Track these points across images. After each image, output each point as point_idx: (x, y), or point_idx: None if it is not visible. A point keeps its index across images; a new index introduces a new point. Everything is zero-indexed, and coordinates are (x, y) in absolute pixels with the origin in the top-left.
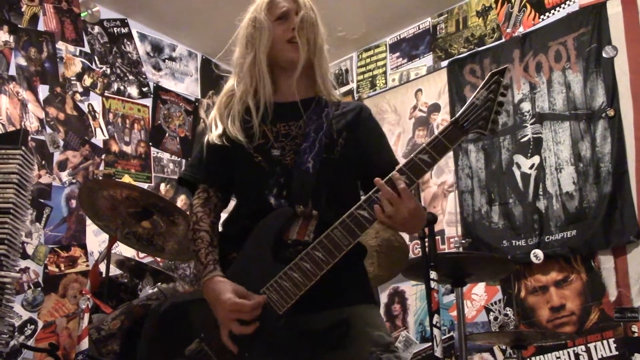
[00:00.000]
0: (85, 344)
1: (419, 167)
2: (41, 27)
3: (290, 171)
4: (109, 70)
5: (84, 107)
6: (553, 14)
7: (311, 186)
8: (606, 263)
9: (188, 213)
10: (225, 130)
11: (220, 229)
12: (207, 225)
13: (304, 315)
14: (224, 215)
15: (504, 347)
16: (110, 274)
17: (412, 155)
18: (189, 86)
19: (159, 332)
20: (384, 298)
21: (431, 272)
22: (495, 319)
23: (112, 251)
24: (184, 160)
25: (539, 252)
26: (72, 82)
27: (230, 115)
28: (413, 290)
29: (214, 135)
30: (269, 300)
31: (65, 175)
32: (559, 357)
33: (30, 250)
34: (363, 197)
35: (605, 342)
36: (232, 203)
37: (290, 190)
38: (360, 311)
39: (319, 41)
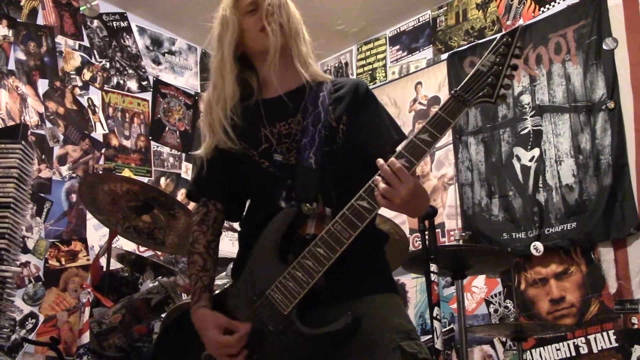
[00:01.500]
0: (86, 337)
1: (419, 148)
2: (40, 21)
3: (294, 170)
4: (108, 64)
5: (84, 101)
6: (553, 5)
7: (315, 182)
8: (606, 255)
9: (188, 207)
10: (217, 141)
11: (238, 228)
12: (202, 247)
13: (319, 309)
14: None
15: (504, 339)
16: (111, 268)
17: (411, 136)
18: (188, 80)
19: (178, 337)
20: None
21: (431, 264)
22: (496, 311)
23: (113, 245)
24: (184, 155)
25: (539, 245)
26: (72, 76)
27: (216, 120)
28: (413, 283)
29: (206, 147)
30: (274, 301)
31: (65, 170)
32: (559, 349)
33: (30, 244)
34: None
35: (605, 333)
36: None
37: (296, 190)
38: (379, 300)
39: (293, 23)
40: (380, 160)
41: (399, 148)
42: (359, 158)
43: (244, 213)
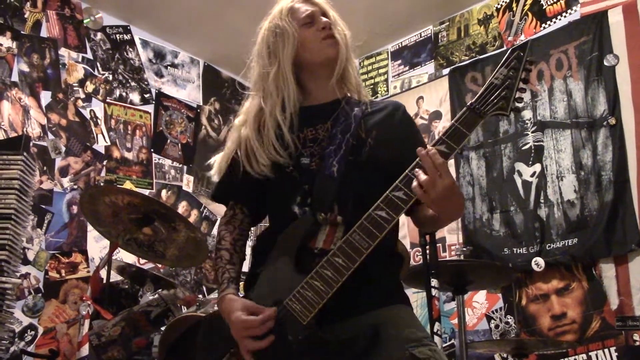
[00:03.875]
0: (85, 350)
1: None
2: (44, 33)
3: (314, 177)
4: (111, 77)
5: (86, 113)
6: (554, 22)
7: (334, 191)
8: (607, 271)
9: (189, 220)
10: (269, 159)
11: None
12: (228, 243)
13: (331, 324)
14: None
15: (505, 355)
16: (111, 280)
17: (429, 145)
18: (190, 93)
19: (199, 343)
20: None
21: (432, 279)
22: (497, 327)
23: (113, 257)
24: (185, 167)
25: (540, 260)
26: (75, 88)
27: (268, 138)
28: (414, 298)
29: (258, 166)
30: (292, 311)
31: (66, 181)
32: None
33: (31, 256)
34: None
35: (606, 350)
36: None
37: (313, 197)
38: (391, 312)
39: (348, 40)
40: (422, 150)
41: (417, 160)
42: (382, 173)
43: (264, 228)
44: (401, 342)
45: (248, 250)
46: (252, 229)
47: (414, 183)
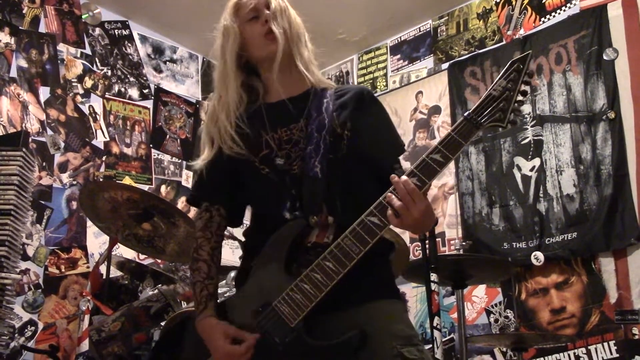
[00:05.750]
0: (85, 345)
1: (431, 168)
2: (42, 29)
3: (299, 181)
4: (109, 72)
5: (85, 108)
6: (554, 16)
7: (321, 192)
8: (607, 265)
9: (188, 215)
10: (221, 148)
11: (242, 238)
12: (206, 254)
13: (321, 317)
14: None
15: (504, 349)
16: (111, 276)
17: (423, 155)
18: (189, 88)
19: (185, 345)
20: None
21: (432, 274)
22: (496, 321)
23: (113, 253)
24: (184, 162)
25: (540, 254)
26: (73, 83)
27: (221, 128)
28: (414, 292)
29: (204, 159)
30: (281, 313)
31: (65, 177)
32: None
33: (30, 251)
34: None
35: (605, 344)
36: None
37: (302, 201)
38: (381, 306)
39: (295, 28)
40: (395, 177)
41: (412, 167)
42: (364, 165)
43: (249, 224)
44: (391, 338)
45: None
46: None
47: (389, 211)
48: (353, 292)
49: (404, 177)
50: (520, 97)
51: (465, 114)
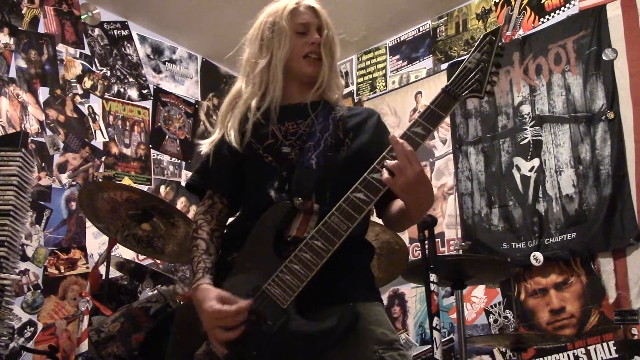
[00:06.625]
0: (84, 346)
1: (413, 141)
2: (41, 29)
3: (293, 166)
4: (109, 73)
5: (84, 109)
6: (553, 16)
7: (313, 180)
8: (606, 265)
9: (188, 216)
10: (227, 133)
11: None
12: (205, 233)
13: (307, 313)
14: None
15: (503, 349)
16: (110, 276)
17: (405, 129)
18: (189, 88)
19: (175, 335)
20: (383, 300)
21: (431, 274)
22: (495, 321)
23: (112, 253)
24: (184, 163)
25: (539, 255)
26: (72, 84)
27: (234, 117)
28: (413, 293)
29: (213, 140)
30: (272, 295)
31: (65, 178)
32: None
33: (30, 252)
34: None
35: (605, 344)
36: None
37: (290, 184)
38: (362, 308)
39: (336, 61)
40: (395, 137)
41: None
42: (360, 167)
43: (234, 217)
44: (372, 341)
45: None
46: None
47: (384, 171)
48: (335, 291)
49: (402, 141)
50: (494, 69)
51: (443, 87)
